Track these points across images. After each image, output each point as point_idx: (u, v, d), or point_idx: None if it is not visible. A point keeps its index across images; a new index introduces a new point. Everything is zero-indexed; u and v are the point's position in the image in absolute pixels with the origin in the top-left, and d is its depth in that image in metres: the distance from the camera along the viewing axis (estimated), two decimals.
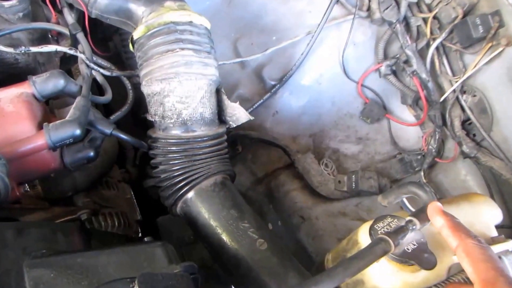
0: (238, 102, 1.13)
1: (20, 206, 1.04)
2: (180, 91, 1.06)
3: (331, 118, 1.69)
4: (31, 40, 1.21)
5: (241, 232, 1.05)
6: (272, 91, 1.57)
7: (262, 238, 1.05)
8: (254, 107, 1.57)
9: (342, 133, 1.71)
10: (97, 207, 1.26)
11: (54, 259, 0.79)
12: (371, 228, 0.93)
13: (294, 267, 1.06)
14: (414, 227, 0.86)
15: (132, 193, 1.51)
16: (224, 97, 1.14)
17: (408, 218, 0.87)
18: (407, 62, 1.55)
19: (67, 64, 1.35)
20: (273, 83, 1.59)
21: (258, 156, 1.67)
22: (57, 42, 1.28)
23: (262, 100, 1.58)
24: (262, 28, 1.62)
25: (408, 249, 0.87)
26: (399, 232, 0.85)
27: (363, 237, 0.98)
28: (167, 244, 0.87)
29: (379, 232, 0.91)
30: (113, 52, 1.55)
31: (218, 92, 1.15)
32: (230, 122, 1.17)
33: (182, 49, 1.05)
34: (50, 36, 1.27)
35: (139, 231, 1.42)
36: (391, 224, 0.92)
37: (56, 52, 1.34)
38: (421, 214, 0.89)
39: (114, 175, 1.48)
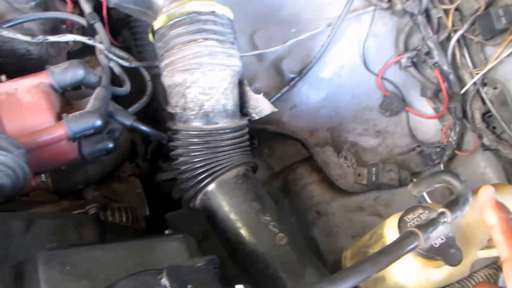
0: (262, 94, 1.08)
1: (28, 199, 1.00)
2: (203, 82, 1.01)
3: (350, 111, 1.62)
4: (44, 30, 1.16)
5: (261, 226, 1.00)
6: (291, 83, 1.51)
7: (282, 232, 1.00)
8: (271, 101, 1.50)
9: (361, 126, 1.64)
10: (106, 201, 1.22)
11: (69, 251, 0.75)
12: (401, 220, 0.87)
13: (312, 263, 1.01)
14: (445, 220, 0.80)
15: (142, 187, 1.47)
16: (247, 89, 1.09)
17: (441, 209, 0.81)
18: (428, 54, 1.49)
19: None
20: (292, 76, 1.53)
21: (275, 150, 1.62)
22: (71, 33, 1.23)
23: (280, 94, 1.52)
24: (280, 21, 1.56)
25: (435, 244, 0.81)
26: (429, 225, 0.79)
27: (389, 231, 0.92)
28: (188, 237, 0.83)
29: (408, 224, 0.86)
30: (122, 47, 1.50)
31: (240, 83, 1.10)
32: (253, 114, 1.12)
33: (206, 39, 1.00)
34: (64, 26, 1.23)
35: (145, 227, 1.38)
36: (421, 216, 0.86)
37: (66, 45, 1.30)
38: (454, 206, 0.82)
39: (125, 169, 1.44)
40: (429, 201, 1.45)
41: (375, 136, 1.65)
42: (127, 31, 1.53)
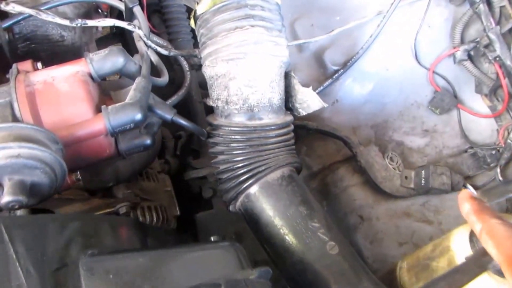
0: (310, 87, 1.06)
1: (57, 197, 0.99)
2: (248, 74, 0.99)
3: (396, 107, 1.59)
4: (77, 14, 1.17)
5: (310, 233, 0.98)
6: (335, 76, 1.49)
7: (333, 240, 0.98)
8: None
9: (407, 124, 1.61)
10: (137, 199, 1.21)
11: (113, 258, 0.74)
12: (473, 233, 0.84)
13: (367, 276, 0.99)
14: None
15: (172, 185, 1.46)
16: (295, 81, 1.07)
17: None
18: (488, 46, 1.45)
19: None
20: (335, 68, 1.51)
21: (314, 149, 1.60)
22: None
23: (322, 87, 1.50)
24: (324, 8, 1.54)
25: None
26: None
27: (457, 244, 0.90)
28: (237, 245, 0.81)
29: None
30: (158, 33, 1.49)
31: (286, 75, 1.08)
32: (300, 110, 1.10)
33: (253, 26, 0.98)
34: (100, 11, 1.22)
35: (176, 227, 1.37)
36: None
37: (97, 31, 1.30)
38: None
39: (154, 165, 1.43)
40: None
41: (422, 136, 1.62)
42: (157, 17, 1.52)
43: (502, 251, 0.64)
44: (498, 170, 1.51)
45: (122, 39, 1.63)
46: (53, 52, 1.16)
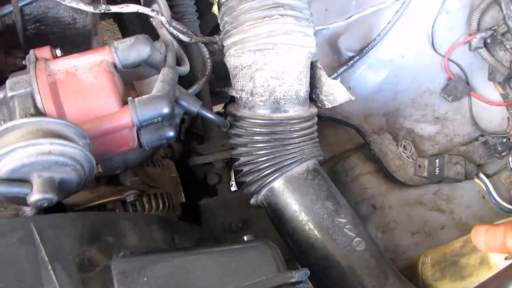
0: (339, 80, 1.02)
1: None
2: (276, 65, 0.95)
3: (408, 95, 1.56)
4: None
5: (336, 229, 0.96)
6: (350, 63, 1.45)
7: (359, 236, 0.97)
8: None
9: (419, 112, 1.59)
10: (145, 187, 1.17)
11: (145, 260, 0.71)
12: None
13: (393, 272, 0.98)
14: None
15: (177, 171, 1.42)
16: (322, 73, 1.03)
17: None
18: (505, 34, 1.42)
19: None
20: (350, 54, 1.47)
21: (324, 136, 1.57)
22: None
23: (336, 74, 1.46)
24: None
25: None
26: None
27: None
28: (272, 245, 0.78)
29: None
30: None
31: (312, 65, 1.04)
32: (325, 102, 1.06)
33: (282, 15, 0.94)
34: None
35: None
36: None
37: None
38: None
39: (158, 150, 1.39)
40: (495, 195, 1.42)
41: (433, 123, 1.60)
42: None
43: None
44: (510, 158, 1.50)
45: None
46: (63, 35, 1.09)
